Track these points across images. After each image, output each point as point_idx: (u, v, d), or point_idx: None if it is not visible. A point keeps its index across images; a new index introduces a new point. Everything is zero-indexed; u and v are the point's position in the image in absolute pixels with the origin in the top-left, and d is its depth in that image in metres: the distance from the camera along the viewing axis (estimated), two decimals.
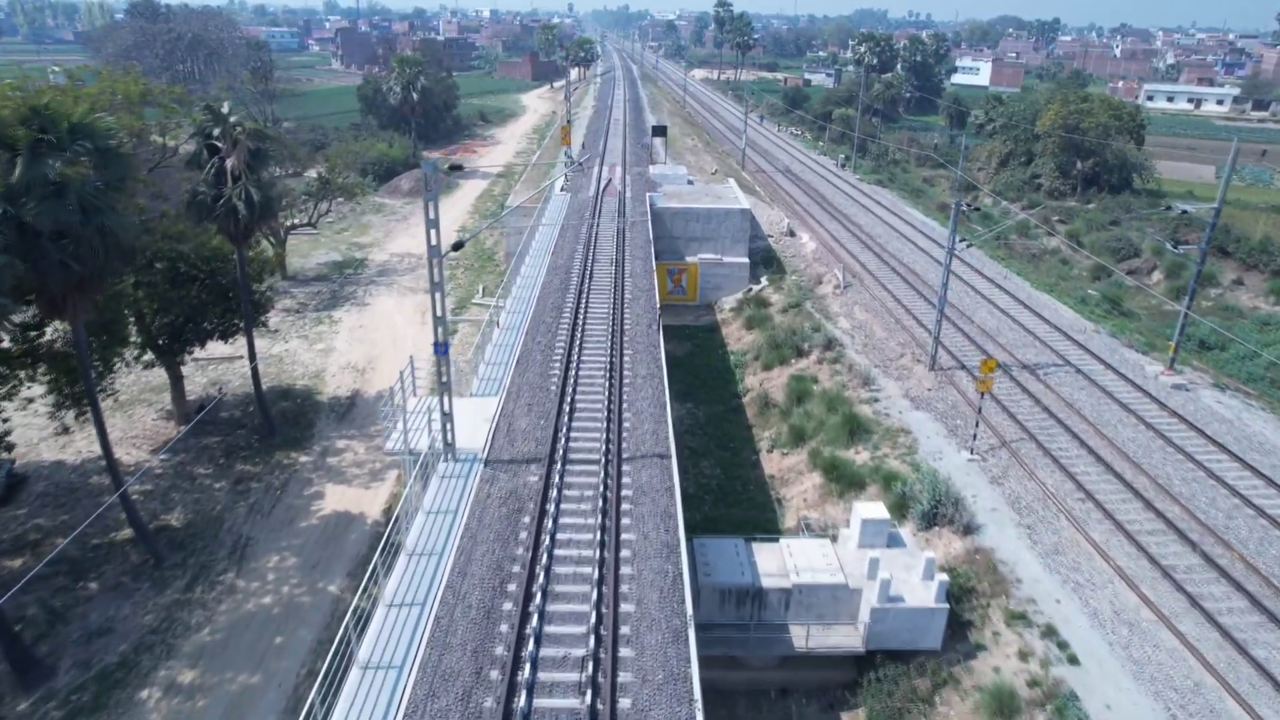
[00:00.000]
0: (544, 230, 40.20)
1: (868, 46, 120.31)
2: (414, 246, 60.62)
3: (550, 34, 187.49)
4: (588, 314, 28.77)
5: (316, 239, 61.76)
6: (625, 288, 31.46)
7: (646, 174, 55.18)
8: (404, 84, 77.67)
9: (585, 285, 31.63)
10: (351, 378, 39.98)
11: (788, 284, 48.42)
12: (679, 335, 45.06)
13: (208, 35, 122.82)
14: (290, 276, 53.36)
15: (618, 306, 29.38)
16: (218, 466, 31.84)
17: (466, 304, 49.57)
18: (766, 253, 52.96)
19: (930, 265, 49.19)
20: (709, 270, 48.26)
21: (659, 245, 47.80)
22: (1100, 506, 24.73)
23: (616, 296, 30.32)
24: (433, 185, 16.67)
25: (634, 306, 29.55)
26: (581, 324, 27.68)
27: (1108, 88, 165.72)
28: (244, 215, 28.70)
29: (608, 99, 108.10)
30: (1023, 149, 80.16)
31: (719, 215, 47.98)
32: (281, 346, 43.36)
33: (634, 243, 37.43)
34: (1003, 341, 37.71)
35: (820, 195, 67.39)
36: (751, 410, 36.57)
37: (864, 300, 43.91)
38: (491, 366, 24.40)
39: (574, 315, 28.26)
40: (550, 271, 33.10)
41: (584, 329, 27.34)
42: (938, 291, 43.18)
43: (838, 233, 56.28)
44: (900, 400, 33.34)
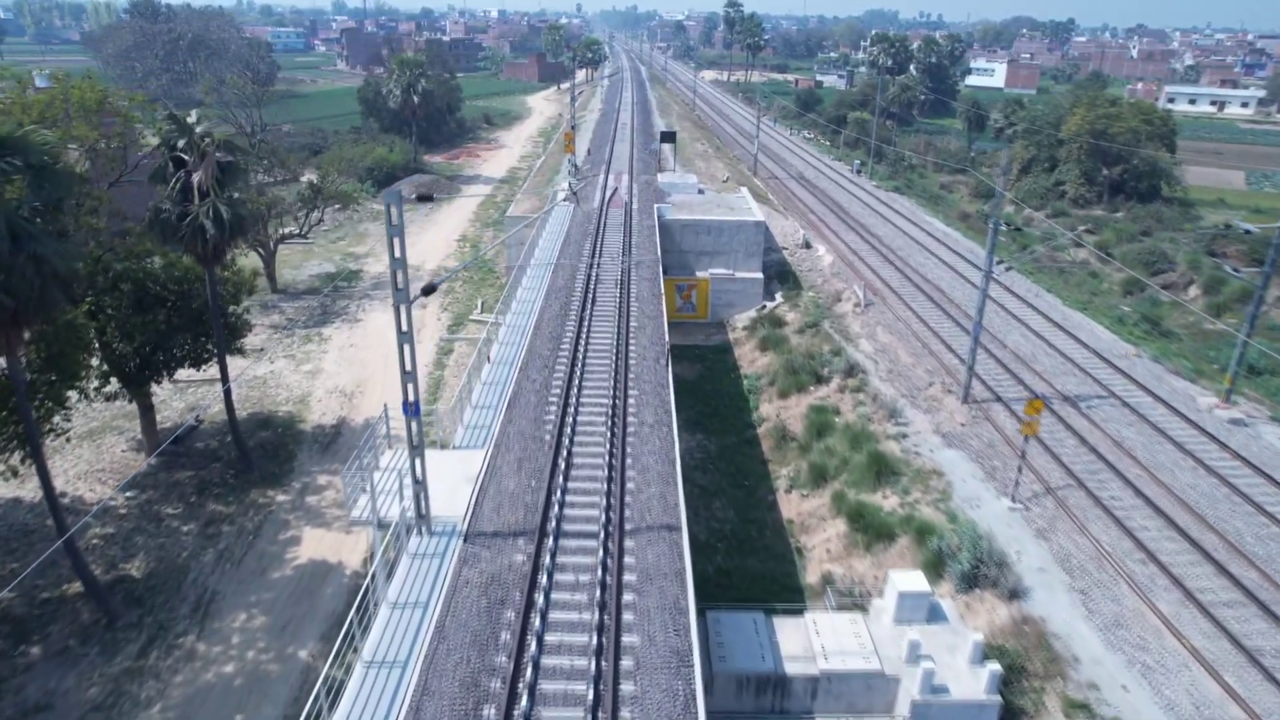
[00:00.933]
0: (544, 246, 37.54)
1: (882, 48, 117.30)
2: (413, 257, 57.70)
3: (557, 35, 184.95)
4: (589, 346, 26.09)
5: (310, 248, 59.26)
6: (630, 314, 28.77)
7: (654, 183, 52.49)
8: (404, 86, 75.16)
9: (587, 311, 28.96)
10: (338, 403, 37.39)
11: (804, 301, 45.66)
12: (689, 356, 42.36)
13: (208, 36, 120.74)
14: (280, 290, 50.88)
15: (622, 336, 26.69)
16: (188, 506, 29.27)
17: (464, 320, 46.95)
18: (781, 266, 50.20)
19: (956, 281, 46.32)
20: (721, 286, 45.54)
21: (667, 259, 45.12)
22: (1165, 570, 21.89)
23: (621, 324, 27.62)
24: (397, 218, 13.99)
25: (640, 337, 26.84)
26: (581, 358, 25.00)
27: (1126, 90, 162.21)
28: (212, 235, 26.13)
29: (615, 102, 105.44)
30: (1045, 155, 77.20)
31: (731, 228, 45.25)
32: (266, 367, 40.83)
33: (641, 261, 34.72)
34: (1039, 369, 34.84)
35: (836, 204, 64.55)
36: (767, 443, 33.82)
37: (887, 320, 41.09)
38: (479, 411, 21.74)
39: (573, 347, 25.58)
40: (549, 295, 30.43)
41: (584, 364, 24.67)
42: (966, 311, 40.51)
43: (856, 245, 53.45)
44: (931, 436, 30.54)
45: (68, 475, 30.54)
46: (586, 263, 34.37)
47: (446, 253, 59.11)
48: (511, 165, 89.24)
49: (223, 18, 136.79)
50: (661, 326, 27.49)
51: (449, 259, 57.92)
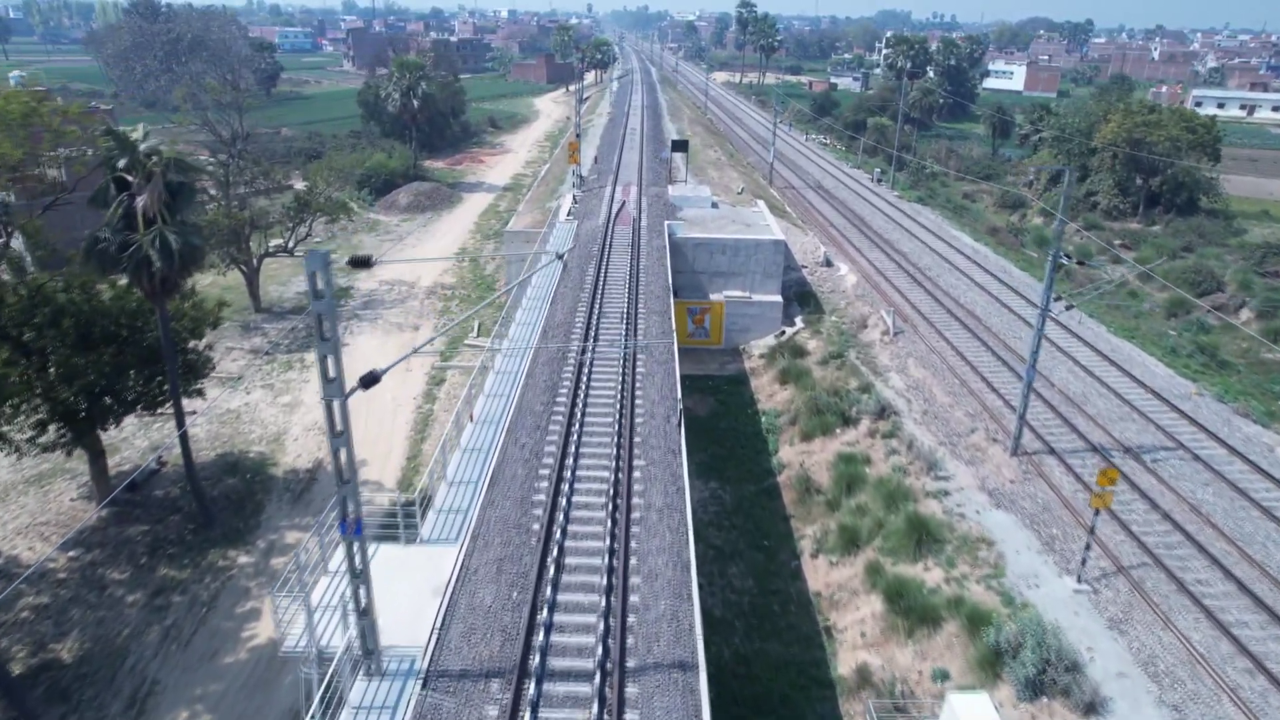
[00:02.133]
0: (542, 272, 34.10)
1: (900, 50, 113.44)
2: (407, 272, 54.78)
3: (566, 35, 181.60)
4: (588, 398, 22.64)
5: (299, 263, 55.95)
6: (638, 359, 25.27)
7: (665, 195, 49.01)
8: (403, 90, 71.89)
9: (588, 353, 25.50)
10: (316, 443, 34.05)
11: (827, 327, 42.11)
12: (700, 388, 38.89)
13: (208, 36, 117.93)
14: (265, 309, 47.63)
15: (628, 385, 23.23)
16: (136, 569, 25.97)
17: (458, 345, 43.58)
18: (800, 287, 46.65)
19: (992, 307, 42.65)
20: (736, 310, 42.04)
21: (679, 280, 41.66)
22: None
23: (626, 372, 24.16)
24: (323, 284, 10.56)
25: (648, 387, 23.36)
26: (580, 415, 21.55)
27: (1150, 93, 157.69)
28: (158, 267, 22.78)
29: (624, 105, 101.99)
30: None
31: (748, 247, 41.74)
32: (241, 399, 37.56)
33: (650, 292, 31.23)
34: (1093, 411, 31.17)
35: (857, 216, 60.93)
36: (789, 495, 30.30)
37: (919, 351, 37.48)
38: (457, 488, 18.31)
39: (571, 401, 22.13)
40: (546, 333, 26.97)
41: (582, 423, 21.22)
42: (1005, 341, 36.68)
43: (880, 263, 49.84)
44: (976, 494, 26.97)
45: (5, 530, 27.31)
46: (589, 292, 30.90)
47: (444, 267, 55.79)
48: (516, 172, 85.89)
49: (225, 17, 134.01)
50: (673, 374, 24.00)
51: (446, 274, 54.59)
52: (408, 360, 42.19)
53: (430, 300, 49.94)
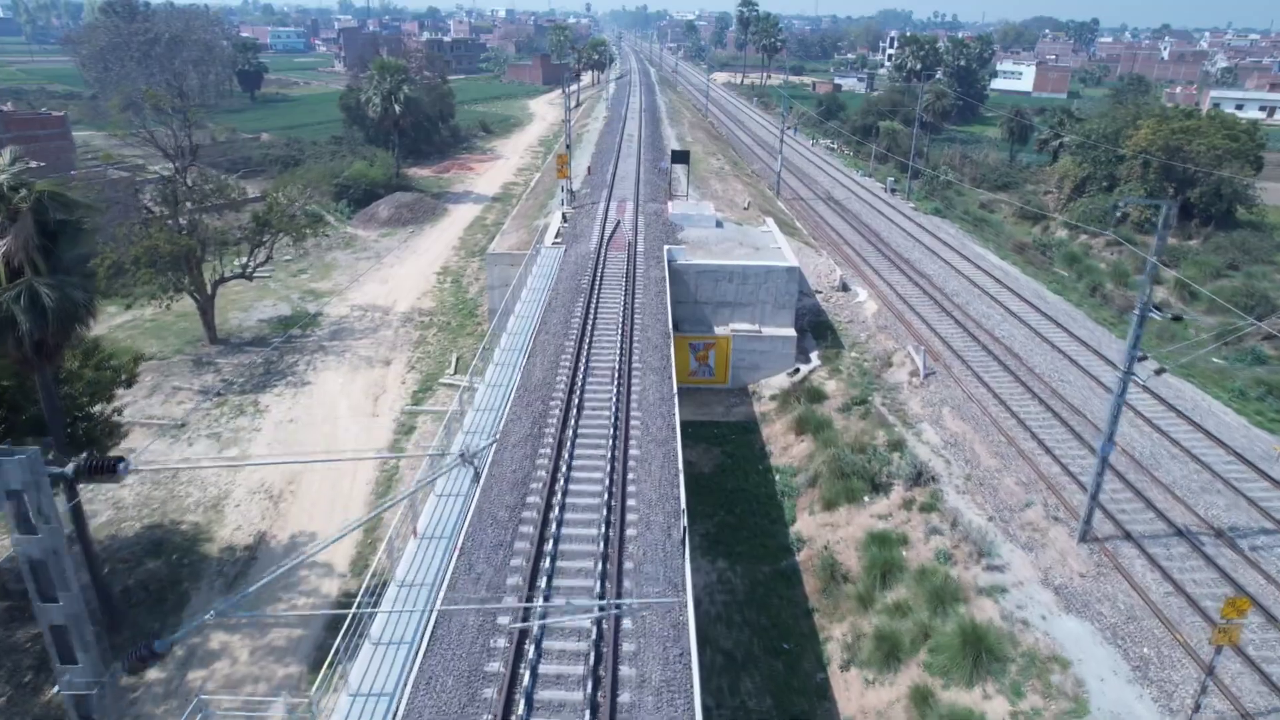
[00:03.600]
0: (523, 310, 29.42)
1: (910, 51, 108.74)
2: (382, 296, 50.12)
3: (562, 35, 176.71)
4: (566, 498, 17.99)
5: (265, 284, 51.35)
6: (630, 434, 20.64)
7: (664, 213, 44.36)
8: (384, 94, 67.14)
9: (570, 426, 20.86)
10: (260, 510, 29.37)
11: (846, 364, 37.45)
12: (704, 437, 34.27)
13: (188, 36, 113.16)
14: (221, 340, 42.92)
15: (617, 476, 18.59)
16: (17, 689, 21.28)
17: (433, 384, 38.90)
18: (815, 315, 41.99)
19: (1032, 341, 37.97)
20: (744, 346, 37.39)
21: (680, 312, 37.05)
22: None
23: (616, 456, 19.49)
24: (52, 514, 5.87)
25: (642, 479, 18.69)
26: (554, 527, 16.88)
27: (1163, 94, 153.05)
28: (27, 330, 18.08)
29: (621, 109, 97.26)
30: (1103, 172, 68.62)
31: (758, 274, 37.09)
32: (183, 452, 32.88)
33: (646, 340, 26.55)
34: (1167, 479, 26.53)
35: (873, 232, 56.26)
36: (812, 581, 25.65)
37: (955, 398, 32.80)
38: (408, 590, 13.60)
39: (544, 504, 17.47)
40: (520, 397, 22.29)
41: (557, 538, 16.56)
42: (1054, 387, 31.13)
43: (902, 287, 45.17)
44: (1040, 592, 22.32)
45: None
46: (575, 340, 26.21)
47: (423, 289, 51.10)
48: (506, 180, 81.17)
49: (207, 16, 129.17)
50: (674, 460, 19.31)
51: (425, 297, 49.90)
52: (375, 404, 37.63)
53: (405, 329, 45.26)
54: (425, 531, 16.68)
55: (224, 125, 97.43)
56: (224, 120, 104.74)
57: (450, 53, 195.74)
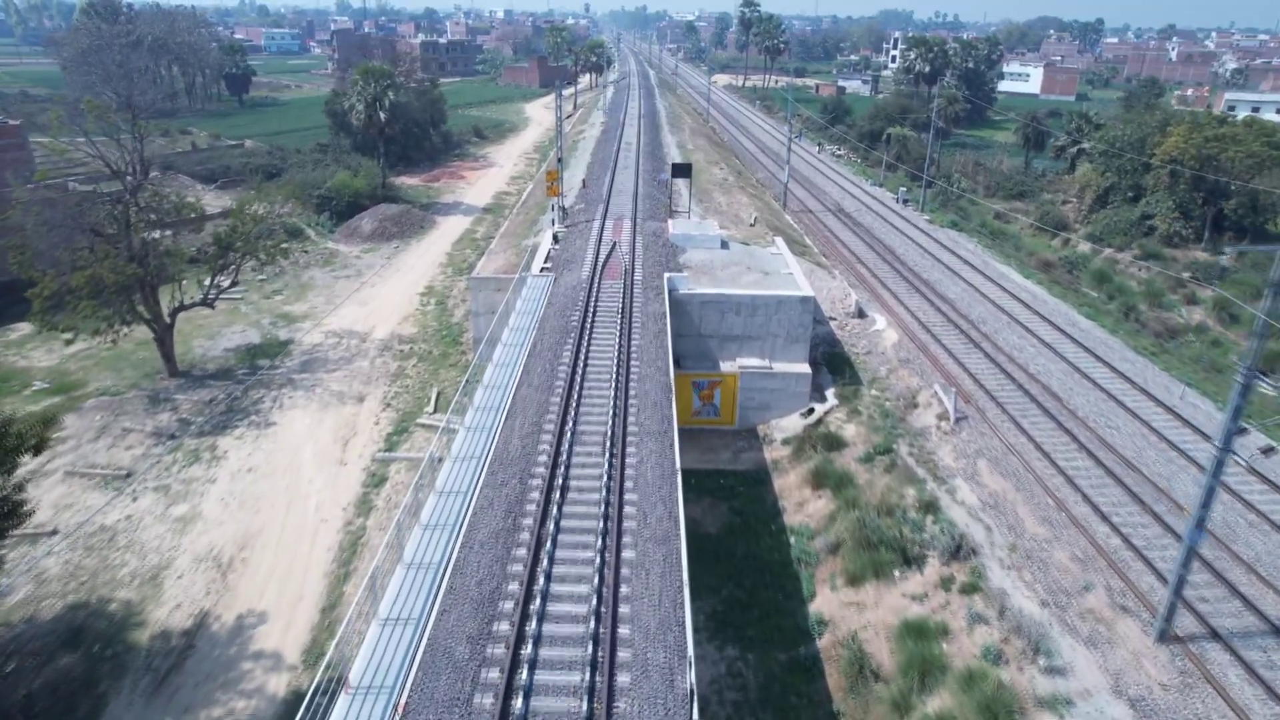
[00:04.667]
0: (503, 355, 25.85)
1: (918, 53, 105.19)
2: (361, 320, 46.52)
3: (559, 36, 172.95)
4: (545, 617, 14.44)
5: (237, 307, 47.76)
6: (623, 523, 17.12)
7: (664, 233, 40.81)
8: (368, 101, 63.53)
9: (551, 517, 17.31)
10: (205, 583, 25.78)
11: (866, 404, 33.86)
12: (710, 488, 30.70)
13: (172, 38, 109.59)
14: (183, 372, 39.32)
15: (606, 589, 15.01)
16: None
17: (410, 424, 35.30)
18: (829, 346, 38.41)
19: (1071, 378, 34.38)
20: (753, 384, 33.83)
21: (681, 346, 33.51)
22: None
23: (606, 554, 15.97)
24: None
25: (641, 587, 15.16)
26: (530, 656, 13.37)
27: (1174, 95, 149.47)
28: None
29: (619, 114, 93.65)
30: (1128, 182, 65.00)
31: (768, 305, 33.52)
32: (124, 509, 29.28)
33: (644, 396, 22.96)
34: (1249, 554, 22.97)
35: (888, 249, 52.67)
36: (836, 676, 22.06)
37: (991, 449, 29.22)
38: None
39: (519, 628, 13.89)
40: (493, 475, 18.71)
41: (534, 669, 13.04)
42: (1100, 434, 26.99)
43: (924, 313, 41.61)
44: (1113, 705, 18.77)
45: None
46: (560, 397, 22.63)
47: (405, 313, 47.48)
48: (499, 189, 77.52)
49: (193, 18, 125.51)
50: (677, 566, 15.76)
51: (406, 322, 46.28)
52: (344, 449, 33.99)
53: (383, 359, 41.64)
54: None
55: (207, 131, 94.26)
56: (208, 125, 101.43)
57: (445, 54, 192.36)
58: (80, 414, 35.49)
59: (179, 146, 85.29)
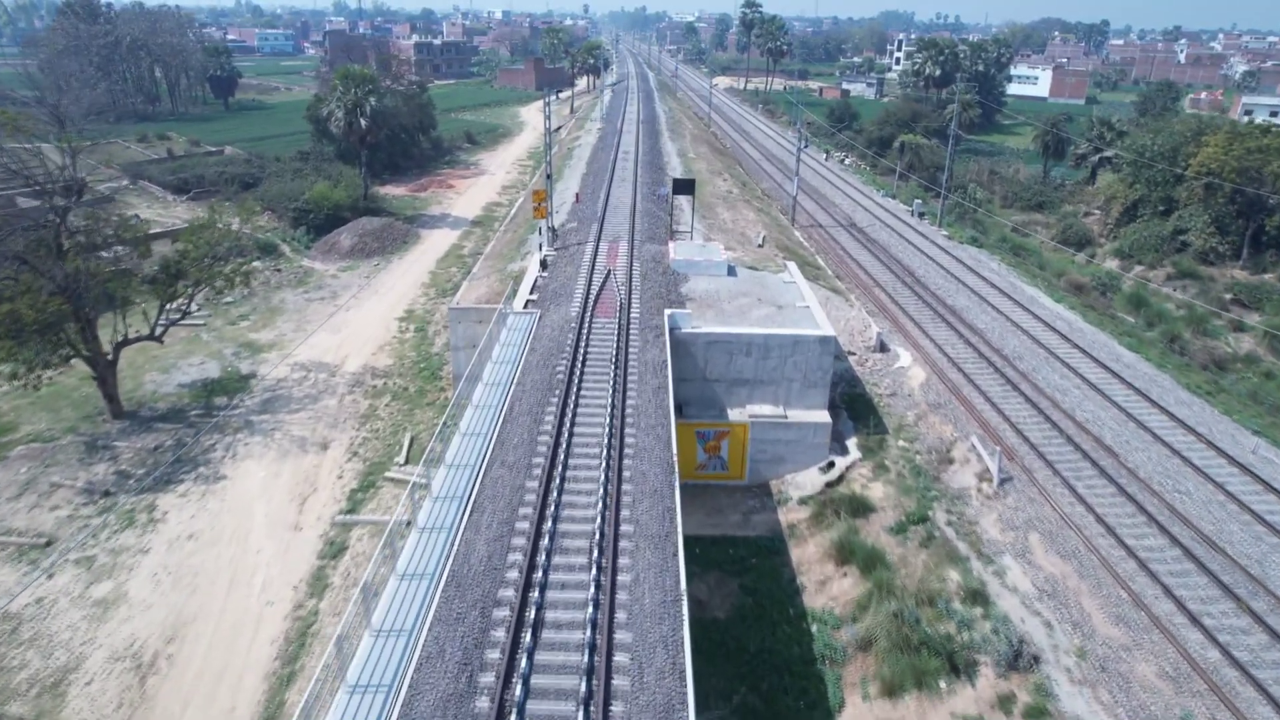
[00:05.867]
0: (473, 422, 21.81)
1: (929, 55, 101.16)
2: (332, 350, 42.45)
3: (556, 38, 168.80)
4: None
5: (197, 335, 43.72)
6: (612, 662, 13.12)
7: (665, 258, 36.83)
8: (348, 107, 59.47)
9: (517, 674, 13.26)
10: (117, 691, 21.72)
11: (894, 457, 29.84)
12: (717, 560, 26.66)
13: (153, 39, 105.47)
14: (128, 413, 35.27)
15: None
16: None
17: (378, 477, 31.23)
18: (849, 385, 34.39)
19: (1126, 428, 30.33)
20: (766, 434, 29.79)
21: (684, 391, 29.53)
22: None
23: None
24: None
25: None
26: None
27: (1187, 99, 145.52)
28: None
29: (617, 119, 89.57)
30: (1159, 194, 61.06)
31: (782, 345, 29.48)
32: (36, 590, 25.21)
33: (641, 480, 18.95)
34: None
35: (907, 270, 48.63)
36: None
37: (1044, 520, 25.18)
38: None
39: None
40: (447, 607, 14.68)
41: None
42: (1170, 503, 22.52)
43: (952, 346, 37.58)
44: None
45: None
46: (539, 480, 18.59)
47: (381, 341, 43.39)
48: (489, 200, 73.45)
49: (177, 17, 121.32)
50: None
51: (382, 352, 42.21)
52: (301, 510, 29.93)
53: (353, 396, 37.59)
54: None
55: (187, 136, 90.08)
56: (189, 130, 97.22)
57: (440, 56, 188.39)
58: (5, 465, 31.49)
59: (155, 152, 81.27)
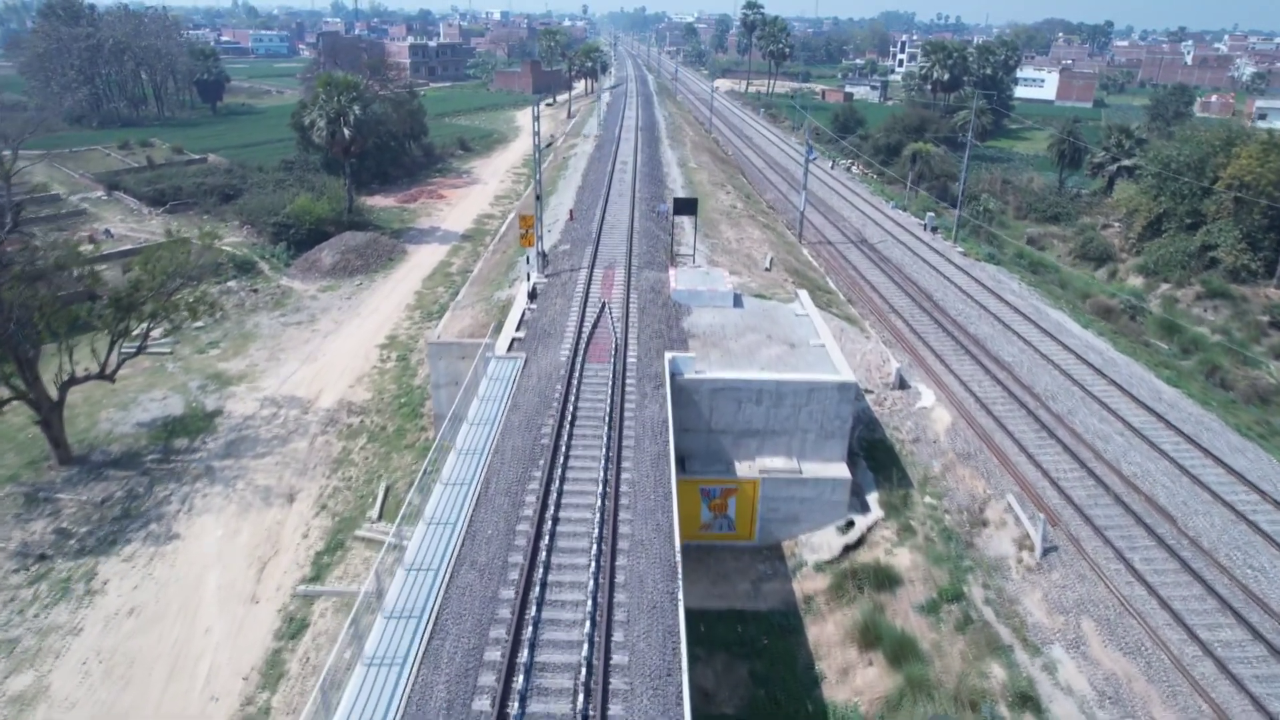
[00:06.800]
0: (439, 506, 18.72)
1: (937, 59, 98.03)
2: (306, 382, 39.37)
3: (554, 40, 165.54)
4: None
5: (162, 365, 40.66)
6: None
7: (665, 288, 33.75)
8: (330, 117, 56.39)
9: None
10: None
11: (920, 517, 26.76)
12: (724, 639, 23.58)
13: (136, 42, 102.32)
14: (77, 458, 32.17)
15: None
16: None
17: (348, 536, 28.14)
18: (867, 427, 31.31)
19: (1179, 484, 27.23)
20: (778, 491, 26.72)
21: (687, 443, 26.54)
22: None
23: None
24: None
25: None
26: None
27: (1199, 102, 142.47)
28: None
29: (615, 127, 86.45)
30: (1185, 208, 57.97)
31: (797, 393, 26.40)
32: None
33: (635, 580, 15.96)
34: None
35: (924, 293, 45.55)
36: None
37: (1098, 601, 22.10)
38: None
39: None
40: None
41: None
42: (1239, 578, 20.37)
43: (978, 382, 34.50)
44: None
45: None
46: (515, 588, 15.53)
47: (360, 372, 40.30)
48: (481, 212, 70.33)
49: (163, 19, 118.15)
50: None
51: (360, 384, 39.11)
52: (259, 577, 26.84)
53: (326, 437, 34.49)
54: None
55: (170, 143, 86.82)
56: (174, 136, 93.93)
57: (435, 58, 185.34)
58: None
59: (135, 160, 78.16)
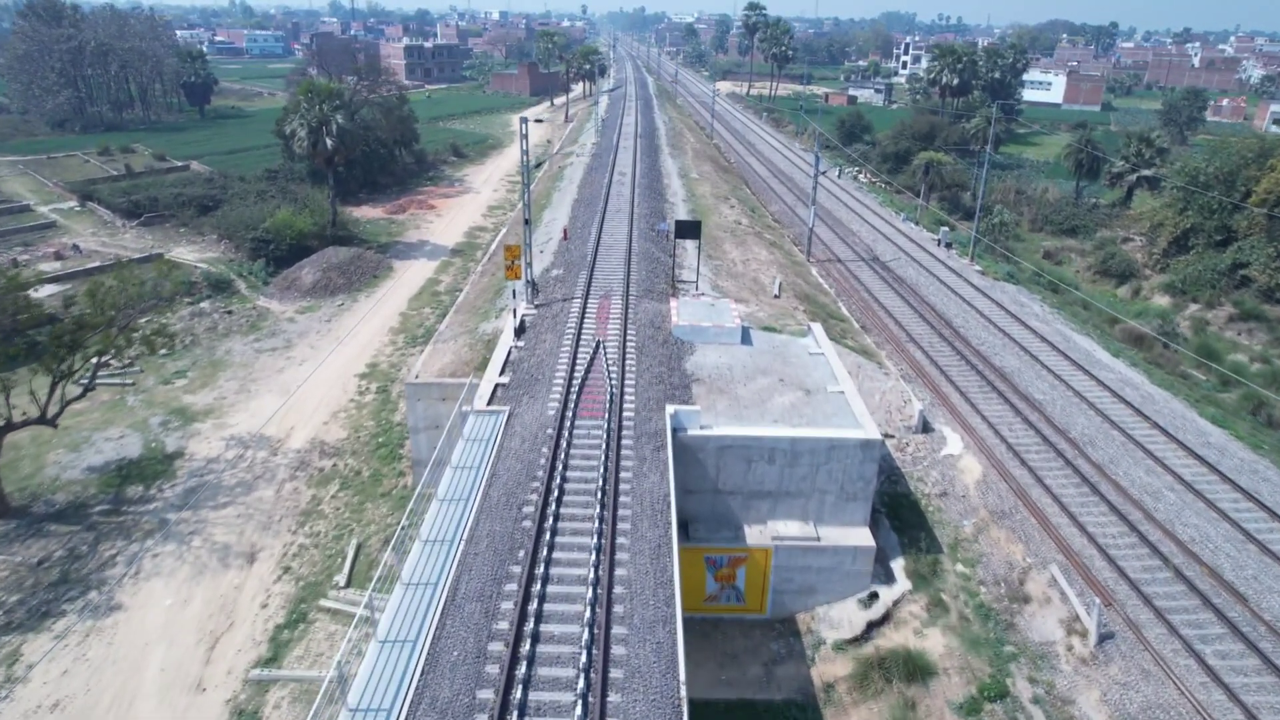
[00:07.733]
0: (400, 619, 15.77)
1: (945, 63, 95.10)
2: (277, 418, 36.35)
3: (551, 41, 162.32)
4: None
5: (122, 398, 37.66)
6: None
7: (666, 323, 30.77)
8: (311, 126, 53.40)
9: None
10: None
11: (952, 589, 23.81)
12: None
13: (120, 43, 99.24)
14: (18, 509, 29.19)
15: None
16: None
17: (312, 605, 25.16)
18: (888, 477, 28.38)
19: (1243, 552, 24.28)
20: (792, 560, 23.78)
21: (691, 506, 23.60)
22: None
23: None
24: None
25: None
26: None
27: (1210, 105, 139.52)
28: None
29: (613, 134, 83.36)
30: (1214, 223, 55.10)
31: (815, 451, 23.44)
32: None
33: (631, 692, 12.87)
34: None
35: (943, 319, 42.53)
36: None
37: (1167, 706, 19.13)
38: None
39: None
40: None
41: None
42: None
43: (1008, 425, 31.51)
44: None
45: None
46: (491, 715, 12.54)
47: (336, 406, 37.31)
48: (473, 224, 67.28)
49: (149, 20, 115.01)
50: None
51: (335, 420, 36.14)
52: (209, 658, 23.70)
53: (295, 483, 31.50)
54: None
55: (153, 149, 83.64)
56: (158, 141, 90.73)
57: (431, 60, 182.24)
58: None
59: (114, 167, 75.08)
